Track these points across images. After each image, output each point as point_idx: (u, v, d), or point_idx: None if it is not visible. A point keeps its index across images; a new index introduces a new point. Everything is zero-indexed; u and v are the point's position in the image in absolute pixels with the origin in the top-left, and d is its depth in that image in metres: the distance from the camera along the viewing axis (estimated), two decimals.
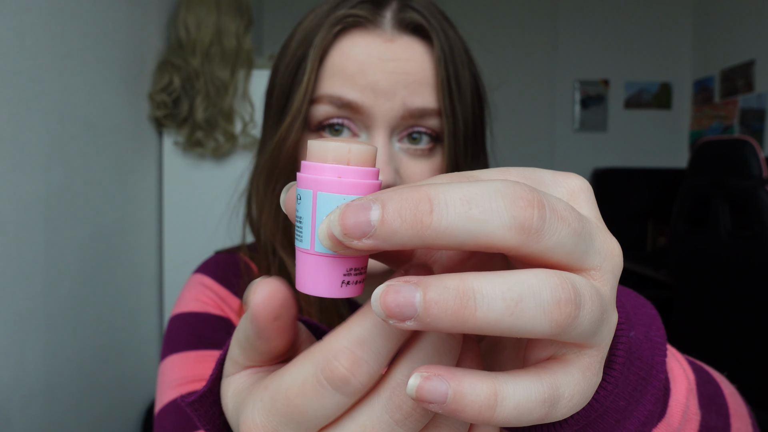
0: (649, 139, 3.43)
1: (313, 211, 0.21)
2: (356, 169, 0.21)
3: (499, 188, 0.17)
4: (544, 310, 0.17)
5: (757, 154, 1.62)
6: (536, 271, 0.18)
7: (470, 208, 0.17)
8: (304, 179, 0.21)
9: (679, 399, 0.31)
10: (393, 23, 0.49)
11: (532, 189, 0.18)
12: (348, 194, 0.20)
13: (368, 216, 0.17)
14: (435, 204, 0.17)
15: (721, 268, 1.74)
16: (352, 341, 0.19)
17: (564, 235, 0.18)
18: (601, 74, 3.41)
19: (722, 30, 3.10)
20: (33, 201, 1.00)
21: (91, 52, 1.22)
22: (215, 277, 0.58)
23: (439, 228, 0.17)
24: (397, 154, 0.49)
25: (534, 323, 0.17)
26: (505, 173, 0.21)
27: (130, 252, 1.46)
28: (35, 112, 1.00)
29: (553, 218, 0.18)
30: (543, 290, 0.17)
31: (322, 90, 0.48)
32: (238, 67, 1.59)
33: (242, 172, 0.61)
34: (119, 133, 1.38)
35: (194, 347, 0.53)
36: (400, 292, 0.17)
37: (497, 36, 3.23)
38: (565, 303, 0.17)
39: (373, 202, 0.17)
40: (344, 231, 0.17)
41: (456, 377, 0.17)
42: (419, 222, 0.17)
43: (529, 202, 0.17)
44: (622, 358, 0.24)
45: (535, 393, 0.18)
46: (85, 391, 1.20)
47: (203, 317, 0.55)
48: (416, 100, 0.48)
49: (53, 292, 1.07)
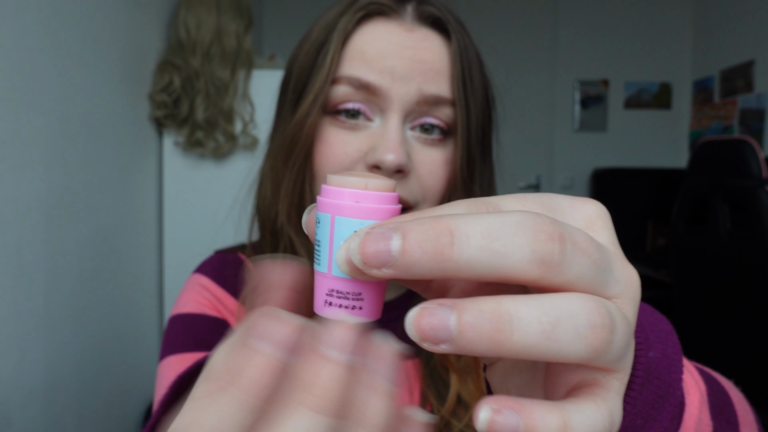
0: (649, 139, 3.43)
1: (331, 235, 0.21)
2: (374, 194, 0.20)
3: (521, 220, 0.17)
4: (580, 334, 0.17)
5: (757, 154, 1.62)
6: (571, 295, 0.18)
7: (492, 241, 0.17)
8: (323, 203, 0.21)
9: (693, 412, 0.31)
10: (414, 15, 0.51)
11: (553, 221, 0.18)
12: (366, 219, 0.20)
13: (389, 246, 0.17)
14: (456, 236, 0.17)
15: (721, 268, 1.74)
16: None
17: (584, 267, 0.18)
18: (601, 74, 3.41)
19: (722, 30, 3.10)
20: (33, 201, 1.00)
21: (91, 53, 1.22)
22: (213, 277, 0.58)
23: (460, 261, 0.17)
24: (409, 140, 0.50)
25: (570, 348, 0.17)
26: (522, 201, 0.21)
27: (130, 252, 1.46)
28: (35, 112, 1.00)
29: (574, 251, 0.18)
30: (579, 314, 0.17)
31: (341, 71, 0.49)
32: (238, 67, 1.59)
33: (248, 169, 0.62)
34: (119, 133, 1.38)
35: (191, 349, 0.53)
36: (434, 314, 0.16)
37: (497, 36, 3.23)
38: (600, 327, 0.17)
39: (393, 232, 0.17)
40: (364, 260, 0.17)
41: (526, 409, 0.17)
42: (440, 254, 0.17)
43: (550, 236, 0.17)
44: (640, 379, 0.24)
45: (600, 421, 0.18)
46: (85, 390, 1.20)
47: (200, 318, 0.55)
48: (432, 88, 0.49)
49: (53, 292, 1.07)
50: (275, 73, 1.63)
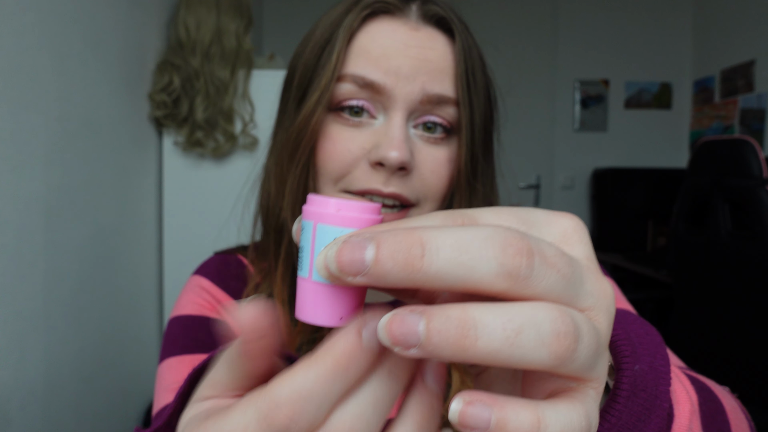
0: (649, 139, 3.42)
1: (313, 241, 0.22)
2: (356, 204, 0.21)
3: (490, 235, 0.18)
4: (543, 341, 0.17)
5: (758, 154, 1.62)
6: (537, 304, 0.18)
7: (460, 254, 0.17)
8: (307, 211, 0.22)
9: (683, 422, 0.31)
10: (418, 14, 0.51)
11: (522, 236, 0.18)
12: (346, 227, 0.21)
13: (363, 255, 0.18)
14: (427, 249, 0.17)
15: (722, 268, 1.74)
16: (295, 392, 0.19)
17: (553, 281, 0.18)
18: (601, 74, 3.41)
19: (722, 30, 3.10)
20: (33, 201, 1.00)
21: (91, 52, 1.22)
22: (212, 279, 0.59)
23: (429, 272, 0.17)
24: (412, 138, 0.50)
25: (533, 354, 0.17)
26: (499, 214, 0.21)
27: (130, 252, 1.46)
28: (35, 112, 1.00)
29: (542, 265, 0.18)
30: (543, 322, 0.17)
31: (346, 69, 0.49)
32: (238, 67, 1.58)
33: (248, 169, 0.62)
34: (119, 133, 1.38)
35: (190, 351, 0.53)
36: (404, 321, 0.17)
37: (497, 36, 3.23)
38: (564, 335, 0.17)
39: (369, 242, 0.18)
40: (340, 267, 0.18)
41: (498, 403, 0.17)
42: (410, 265, 0.17)
43: (518, 250, 0.18)
44: (626, 392, 0.25)
45: (576, 421, 0.18)
46: (85, 390, 1.20)
47: (199, 320, 0.56)
48: (435, 87, 0.49)
49: (53, 292, 1.07)
50: (275, 72, 1.63)
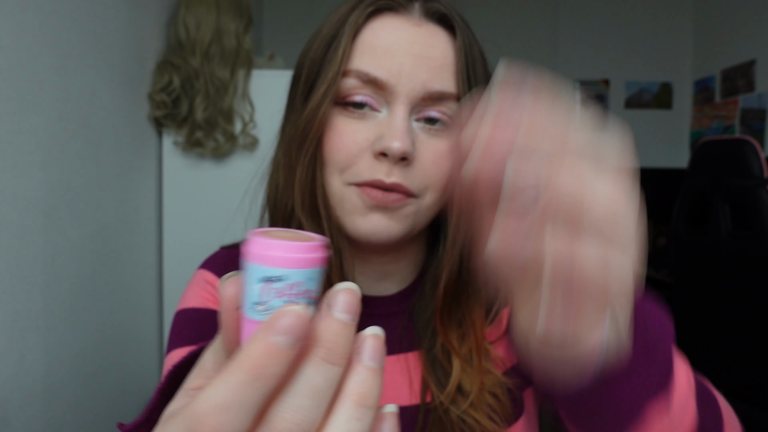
0: (649, 139, 3.42)
1: (245, 277, 0.23)
2: (282, 243, 0.22)
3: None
4: None
5: (758, 154, 1.62)
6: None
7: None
8: (244, 249, 0.23)
9: (682, 389, 0.35)
10: (421, 11, 0.53)
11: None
12: (270, 266, 0.22)
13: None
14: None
15: (722, 268, 1.74)
16: (214, 405, 0.19)
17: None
18: (601, 74, 3.41)
19: (722, 30, 3.10)
20: (33, 201, 1.00)
21: (91, 52, 1.22)
22: (217, 272, 0.60)
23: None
24: (414, 130, 0.52)
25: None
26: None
27: (130, 252, 1.46)
28: (34, 111, 1.00)
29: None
30: None
31: (351, 65, 0.51)
32: (237, 67, 1.58)
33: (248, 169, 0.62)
34: (119, 133, 1.38)
35: (194, 343, 0.54)
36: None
37: (497, 36, 3.23)
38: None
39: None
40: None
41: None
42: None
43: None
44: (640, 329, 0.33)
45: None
46: (85, 390, 1.20)
47: (204, 313, 0.57)
48: (437, 84, 0.51)
49: (53, 292, 1.07)
50: (275, 72, 1.63)
